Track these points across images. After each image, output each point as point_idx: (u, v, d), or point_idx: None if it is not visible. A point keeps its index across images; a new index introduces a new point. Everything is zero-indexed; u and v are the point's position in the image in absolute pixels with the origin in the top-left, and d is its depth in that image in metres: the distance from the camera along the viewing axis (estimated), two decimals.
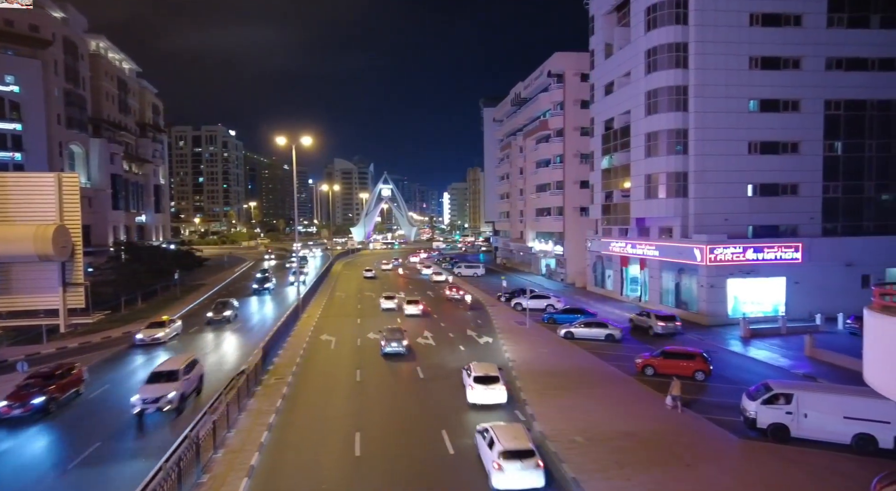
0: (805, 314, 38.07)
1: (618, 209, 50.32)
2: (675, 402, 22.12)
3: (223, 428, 19.55)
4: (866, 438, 18.04)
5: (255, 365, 26.40)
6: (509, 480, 15.52)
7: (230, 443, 19.03)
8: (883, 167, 42.48)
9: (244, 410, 22.30)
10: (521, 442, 16.25)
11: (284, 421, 21.53)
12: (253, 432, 19.99)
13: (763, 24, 40.83)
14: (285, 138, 46.37)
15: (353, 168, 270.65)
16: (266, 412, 22.11)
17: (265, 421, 21.11)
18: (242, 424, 20.85)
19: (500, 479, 15.55)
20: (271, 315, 45.32)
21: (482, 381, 22.17)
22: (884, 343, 11.24)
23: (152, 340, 34.75)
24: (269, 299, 54.31)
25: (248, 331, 39.33)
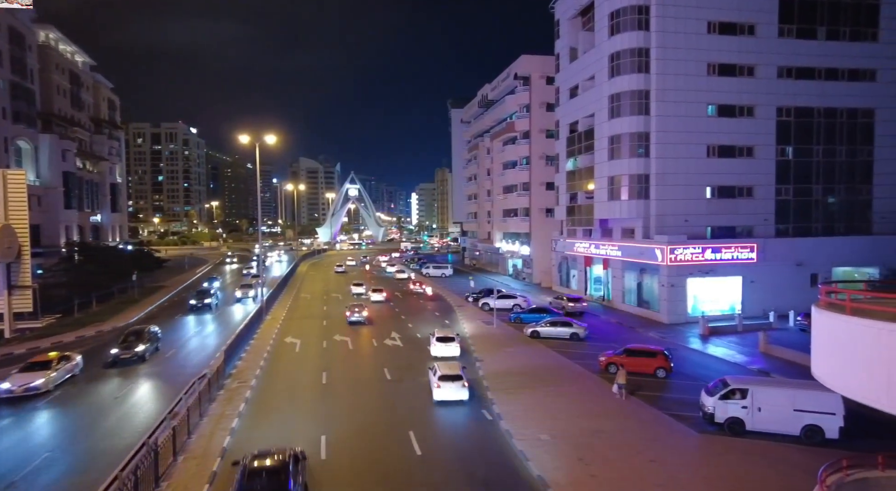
0: (760, 312, 39.59)
1: (582, 210, 51.25)
2: (620, 390, 23.72)
3: (183, 434, 18.98)
4: (814, 429, 18.93)
5: (217, 369, 25.74)
6: (444, 393, 23.17)
7: (191, 449, 18.50)
8: (829, 171, 44.64)
9: (206, 414, 21.70)
10: (453, 371, 23.78)
11: (248, 425, 21.06)
12: (215, 437, 19.47)
13: (720, 32, 42.31)
14: (248, 136, 45.37)
15: (318, 167, 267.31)
16: (229, 417, 21.58)
17: (228, 426, 20.60)
18: (204, 429, 20.30)
19: (439, 393, 23.23)
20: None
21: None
22: (829, 339, 11.81)
23: (25, 390, 23.63)
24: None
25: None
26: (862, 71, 44.49)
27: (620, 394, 23.68)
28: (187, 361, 30.65)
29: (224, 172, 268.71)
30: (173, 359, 31.48)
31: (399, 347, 33.79)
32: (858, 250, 42.86)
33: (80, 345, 34.47)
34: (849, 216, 45.24)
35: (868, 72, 44.58)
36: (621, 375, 24.02)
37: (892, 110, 44.93)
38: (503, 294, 46.57)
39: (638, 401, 23.43)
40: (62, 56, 70.26)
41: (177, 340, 36.32)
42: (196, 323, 42.65)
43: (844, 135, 44.64)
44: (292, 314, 46.07)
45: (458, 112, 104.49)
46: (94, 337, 37.30)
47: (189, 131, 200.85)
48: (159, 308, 48.80)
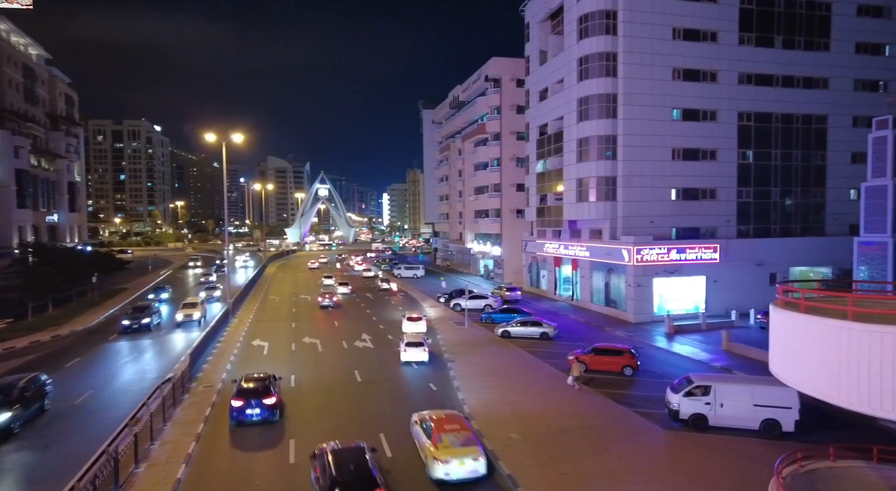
0: (722, 311, 40.81)
1: (551, 212, 51.91)
2: (575, 382, 25.14)
3: (146, 440, 18.41)
4: (772, 422, 19.65)
5: (182, 373, 25.07)
6: (409, 355, 29.43)
7: (154, 456, 17.96)
8: (786, 175, 46.42)
9: (171, 420, 21.11)
10: (417, 338, 30.57)
11: (214, 430, 20.58)
12: (180, 444, 18.96)
13: (684, 39, 43.49)
14: (215, 135, 44.41)
15: (287, 167, 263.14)
16: (194, 422, 21.04)
17: (193, 431, 20.09)
18: (168, 435, 19.73)
19: (404, 356, 29.51)
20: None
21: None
22: (785, 336, 12.28)
23: None
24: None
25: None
26: (816, 79, 46.40)
27: (575, 385, 25.04)
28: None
29: (190, 172, 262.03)
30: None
31: (370, 349, 33.57)
32: (813, 251, 44.69)
33: (34, 350, 33.07)
34: (804, 218, 47.14)
35: (821, 80, 46.53)
36: (576, 368, 25.53)
37: (843, 117, 47.02)
38: (474, 295, 46.77)
39: (603, 397, 23.87)
40: (14, 48, 67.27)
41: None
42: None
43: (800, 140, 46.49)
44: (260, 317, 45.23)
45: (430, 113, 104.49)
46: (49, 342, 35.84)
47: (153, 129, 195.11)
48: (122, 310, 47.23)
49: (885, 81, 48.02)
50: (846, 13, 46.40)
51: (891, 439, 18.22)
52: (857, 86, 47.37)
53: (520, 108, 63.20)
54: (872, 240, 30.09)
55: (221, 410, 22.60)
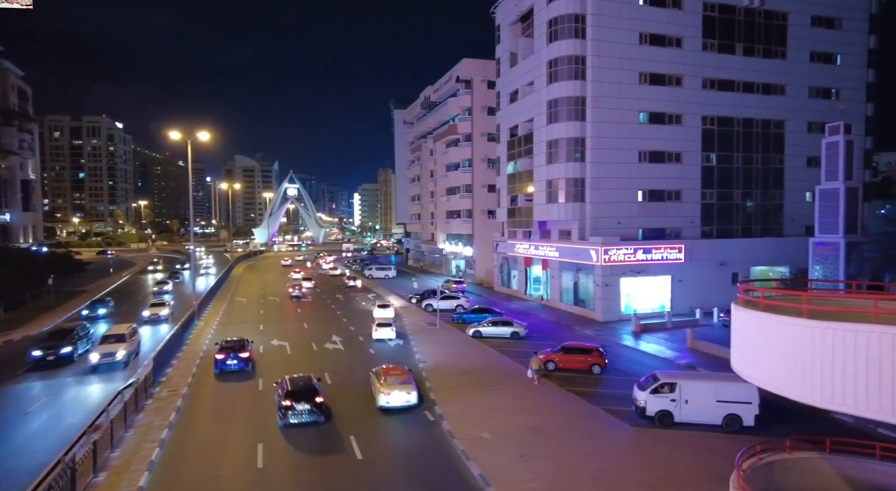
0: (687, 309, 41.91)
1: (522, 212, 52.42)
2: (534, 375, 26.24)
3: (106, 448, 17.79)
4: (734, 417, 20.30)
5: (146, 377, 24.33)
6: (379, 334, 35.29)
7: (114, 464, 17.37)
8: (747, 177, 48.04)
9: (133, 426, 20.46)
10: (386, 319, 37.14)
11: (179, 436, 20.05)
12: (142, 450, 18.39)
13: (651, 44, 44.54)
14: (180, 133, 43.25)
15: (255, 166, 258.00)
16: (158, 427, 20.44)
17: (156, 437, 19.51)
18: (130, 441, 19.12)
19: (375, 334, 35.47)
20: None
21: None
22: (745, 334, 12.71)
23: None
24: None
25: None
26: (774, 85, 48.18)
27: (535, 379, 26.18)
28: None
29: (153, 170, 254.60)
30: None
31: (340, 351, 33.23)
32: (772, 251, 46.35)
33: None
34: (764, 219, 48.88)
35: (779, 86, 48.33)
36: (535, 362, 26.69)
37: (799, 122, 48.95)
38: (446, 295, 46.84)
39: (572, 395, 24.22)
40: None
41: None
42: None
43: (760, 144, 48.19)
44: (227, 319, 44.25)
45: (401, 113, 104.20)
46: (0, 347, 34.27)
47: (114, 126, 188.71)
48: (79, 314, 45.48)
49: (836, 89, 50.20)
50: (801, 23, 48.33)
51: (842, 431, 19.05)
52: (811, 93, 49.38)
53: (491, 110, 63.57)
54: (826, 240, 31.40)
55: (188, 416, 22.05)
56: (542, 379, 26.43)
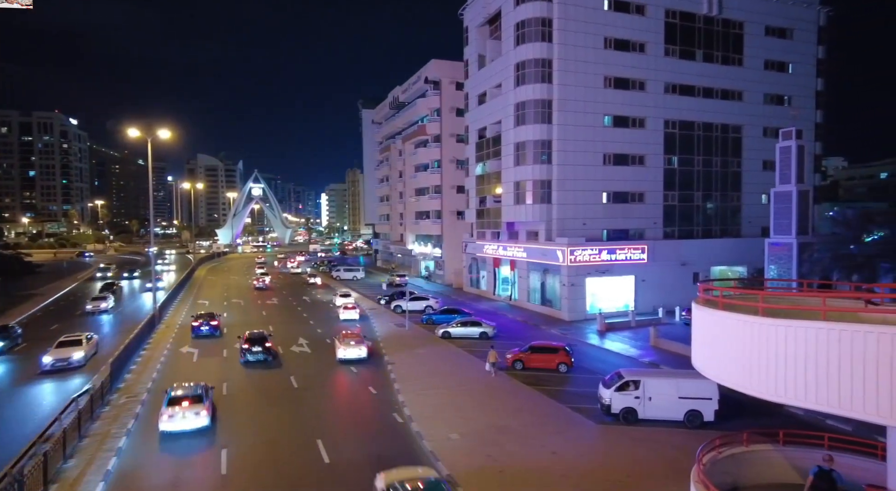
0: (650, 308, 42.97)
1: (490, 213, 52.78)
2: (492, 368, 27.55)
3: (58, 459, 17.04)
4: (695, 413, 20.92)
5: (102, 384, 23.41)
6: (345, 315, 42.22)
7: (67, 475, 16.66)
8: (707, 180, 49.63)
9: (88, 435, 19.66)
10: (350, 306, 43.29)
11: (138, 443, 19.38)
12: (97, 460, 17.69)
13: (615, 49, 45.51)
14: (140, 131, 41.86)
15: (218, 165, 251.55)
16: (115, 436, 19.70)
17: (113, 445, 18.81)
18: (85, 451, 18.36)
19: (342, 314, 42.15)
20: None
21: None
22: (705, 331, 13.12)
23: None
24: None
25: None
26: (732, 91, 49.95)
27: (492, 372, 27.48)
28: None
29: (111, 169, 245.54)
30: None
31: (307, 354, 32.74)
32: (731, 251, 47.99)
33: None
34: (723, 220, 50.59)
35: (736, 92, 50.14)
36: (492, 356, 27.94)
37: (755, 127, 50.88)
38: (415, 296, 46.74)
39: (540, 394, 24.50)
40: None
41: None
42: None
43: (719, 147, 49.86)
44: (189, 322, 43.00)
45: (370, 113, 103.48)
46: None
47: (68, 122, 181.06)
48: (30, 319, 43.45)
49: (789, 96, 52.44)
50: (755, 33, 50.28)
51: (794, 423, 19.87)
52: (766, 99, 51.42)
53: (459, 111, 63.78)
54: (780, 241, 32.74)
55: (147, 423, 21.32)
56: (499, 372, 27.49)
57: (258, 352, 29.83)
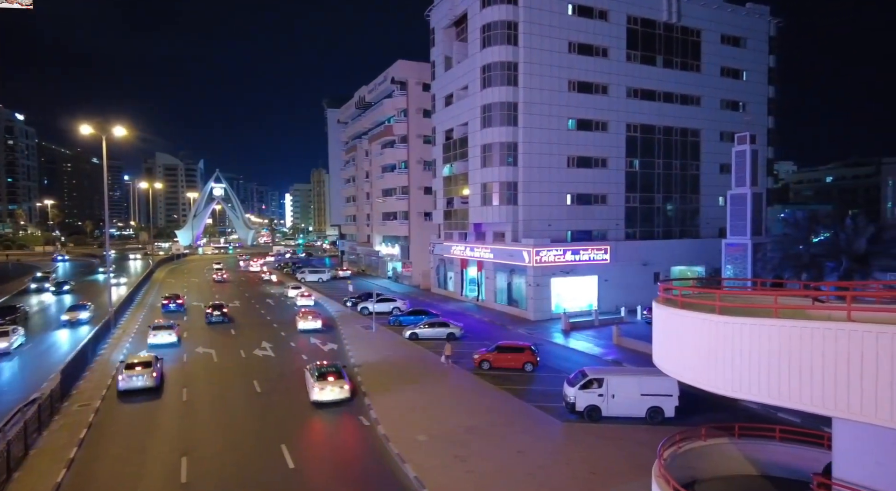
0: (613, 308, 43.90)
1: (458, 215, 52.95)
2: (447, 360, 29.36)
3: (1, 473, 16.17)
4: (656, 410, 21.49)
5: (52, 392, 22.35)
6: (302, 301, 50.67)
7: (12, 488, 15.83)
8: (667, 182, 51.11)
9: (35, 446, 18.74)
10: (307, 300, 50.43)
11: (91, 454, 18.59)
12: (45, 472, 16.88)
13: (579, 53, 46.38)
14: (93, 128, 40.18)
15: (178, 164, 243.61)
16: (65, 446, 18.85)
17: (64, 456, 17.99)
18: (32, 463, 17.50)
19: (300, 301, 50.85)
20: None
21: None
22: (665, 330, 13.50)
23: None
24: None
25: None
26: (690, 97, 51.62)
27: (447, 363, 29.24)
28: None
29: (63, 167, 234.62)
30: None
31: (271, 358, 32.11)
32: (690, 251, 49.53)
33: None
34: (682, 222, 52.19)
35: (695, 98, 51.84)
36: (448, 349, 30.11)
37: (712, 132, 52.72)
38: (382, 298, 46.45)
39: (506, 393, 24.73)
40: None
41: None
42: None
43: (678, 151, 51.43)
44: (147, 326, 41.53)
45: (335, 112, 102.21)
46: None
47: (14, 117, 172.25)
48: None
49: (743, 103, 54.57)
50: (712, 40, 52.14)
51: (749, 417, 20.67)
52: (722, 105, 53.37)
53: (426, 112, 63.74)
54: (736, 242, 33.99)
55: (100, 432, 20.48)
56: (453, 365, 29.12)
57: (218, 315, 42.54)
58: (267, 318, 45.45)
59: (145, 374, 25.07)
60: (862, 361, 9.71)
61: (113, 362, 30.12)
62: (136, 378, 24.95)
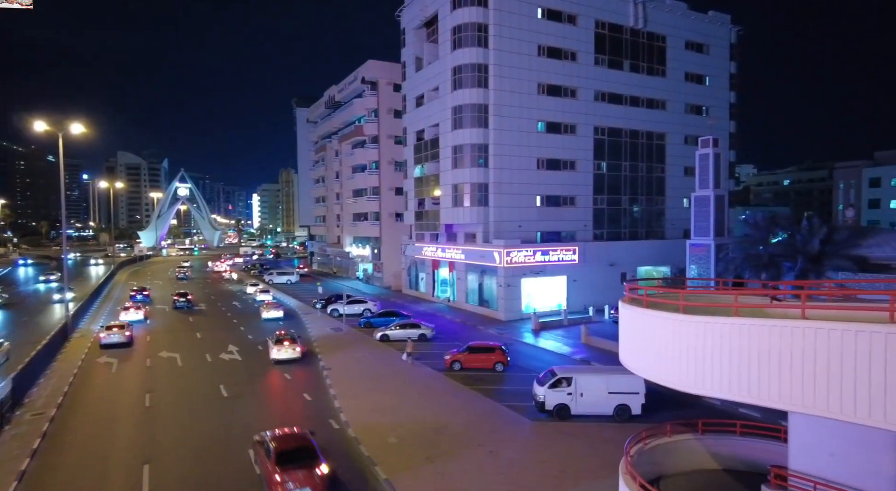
0: (582, 307, 44.55)
1: (429, 216, 52.91)
2: (409, 357, 30.27)
3: None
4: (623, 407, 21.91)
5: (3, 401, 21.34)
6: (262, 297, 53.61)
7: None
8: (634, 185, 52.23)
9: None
10: (259, 287, 58.17)
11: (45, 464, 17.84)
12: None
13: (548, 56, 46.96)
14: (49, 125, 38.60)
15: (142, 163, 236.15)
16: (16, 457, 18.03)
17: (15, 468, 17.22)
18: None
19: (259, 296, 54.32)
20: None
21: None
22: (631, 329, 13.79)
23: None
24: None
25: None
26: (656, 101, 52.89)
27: (408, 360, 30.13)
28: None
29: (16, 166, 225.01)
30: None
31: (237, 361, 31.43)
32: (656, 252, 50.70)
33: None
34: (648, 223, 53.41)
35: (661, 102, 53.14)
36: (410, 347, 31.18)
37: (677, 135, 54.15)
38: (353, 299, 46.05)
39: (476, 394, 24.84)
40: None
41: None
42: None
43: (644, 154, 52.61)
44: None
45: (304, 111, 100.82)
46: None
47: None
48: None
49: (707, 107, 56.22)
50: (677, 46, 53.57)
51: (712, 413, 21.28)
52: (687, 109, 54.87)
53: (397, 113, 63.49)
54: (700, 242, 34.98)
55: (55, 442, 19.67)
56: (415, 361, 30.09)
57: (184, 301, 49.61)
58: (234, 321, 44.51)
59: (120, 333, 34.51)
60: (815, 356, 10.11)
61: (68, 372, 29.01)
62: (114, 336, 34.22)
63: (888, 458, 11.22)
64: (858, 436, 11.20)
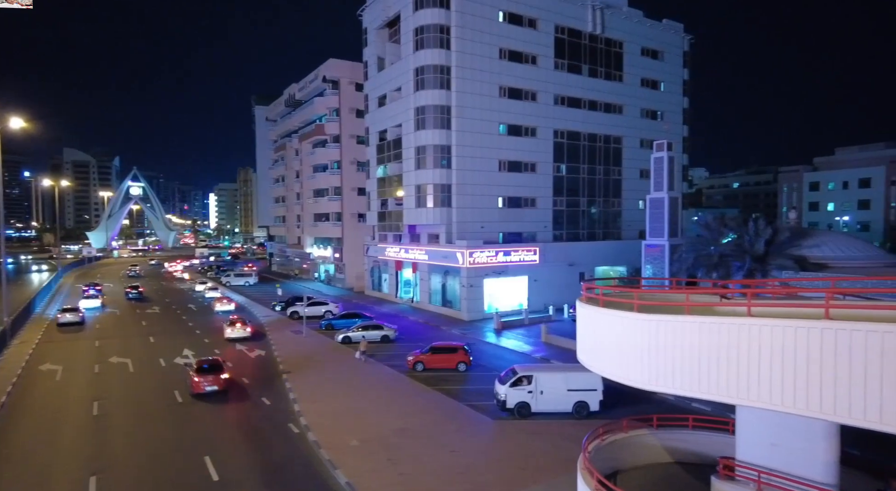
0: (542, 307, 45.27)
1: (392, 216, 52.70)
2: (363, 356, 30.99)
3: None
4: (582, 404, 22.41)
5: None
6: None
7: None
8: (592, 187, 53.48)
9: None
10: (208, 285, 63.38)
11: None
12: None
13: (510, 60, 47.50)
14: None
15: (90, 161, 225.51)
16: None
17: None
18: None
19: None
20: None
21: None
22: (588, 327, 14.14)
23: None
24: None
25: None
26: (614, 105, 54.29)
27: (362, 358, 30.88)
28: None
29: None
30: None
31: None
32: (613, 252, 52.04)
33: None
34: (606, 224, 54.77)
35: (618, 106, 54.59)
36: (363, 345, 31.97)
37: (633, 139, 55.73)
38: (314, 301, 45.36)
39: (439, 394, 24.92)
40: None
41: None
42: None
43: (602, 156, 53.92)
44: (51, 336, 38.28)
45: (263, 109, 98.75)
46: None
47: None
48: None
49: (661, 112, 58.12)
50: (633, 52, 55.17)
51: (666, 408, 22.03)
52: (643, 113, 56.55)
53: (359, 112, 62.92)
54: (654, 243, 36.06)
55: None
56: (368, 359, 30.89)
57: (136, 293, 55.93)
58: (189, 324, 43.13)
59: (74, 314, 42.05)
60: (760, 352, 10.64)
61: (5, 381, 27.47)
62: (69, 316, 41.91)
63: (824, 446, 11.90)
64: (797, 426, 11.84)
